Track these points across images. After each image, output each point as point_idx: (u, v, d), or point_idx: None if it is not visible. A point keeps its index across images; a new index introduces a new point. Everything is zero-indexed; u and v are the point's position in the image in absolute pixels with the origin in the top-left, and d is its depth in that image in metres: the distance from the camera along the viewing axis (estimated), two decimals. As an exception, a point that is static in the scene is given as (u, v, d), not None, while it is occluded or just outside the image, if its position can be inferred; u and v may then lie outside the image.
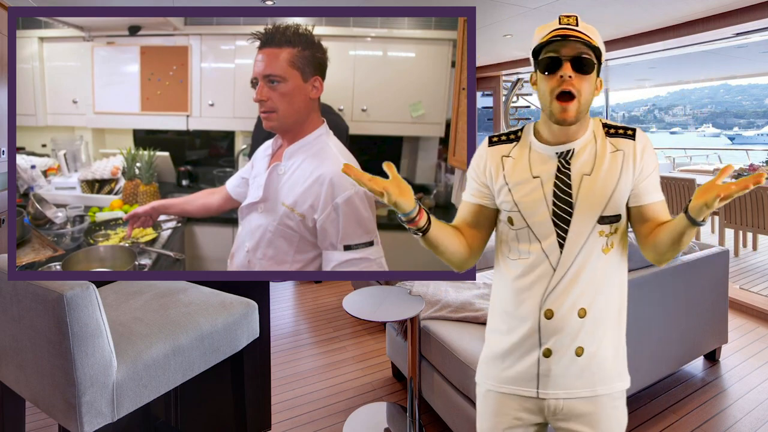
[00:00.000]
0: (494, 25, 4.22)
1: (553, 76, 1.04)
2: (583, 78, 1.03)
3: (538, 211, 1.07)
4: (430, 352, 2.25)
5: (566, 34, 1.03)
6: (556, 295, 1.07)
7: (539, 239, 1.08)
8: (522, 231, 1.10)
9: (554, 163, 1.09)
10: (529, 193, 1.08)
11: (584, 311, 1.08)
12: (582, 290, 1.07)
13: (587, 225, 1.06)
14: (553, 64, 1.04)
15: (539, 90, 1.08)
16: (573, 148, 1.09)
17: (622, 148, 1.09)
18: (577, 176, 1.07)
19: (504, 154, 1.14)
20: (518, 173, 1.11)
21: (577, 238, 1.06)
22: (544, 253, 1.08)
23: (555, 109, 1.04)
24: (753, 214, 4.74)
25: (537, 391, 1.10)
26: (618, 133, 1.11)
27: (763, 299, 3.79)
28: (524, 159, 1.12)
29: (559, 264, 1.07)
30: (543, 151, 1.10)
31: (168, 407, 2.09)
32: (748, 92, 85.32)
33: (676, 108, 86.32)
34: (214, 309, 1.62)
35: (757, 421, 2.36)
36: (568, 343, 1.08)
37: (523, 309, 1.10)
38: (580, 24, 1.06)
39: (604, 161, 1.08)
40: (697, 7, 3.70)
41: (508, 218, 1.12)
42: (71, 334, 1.18)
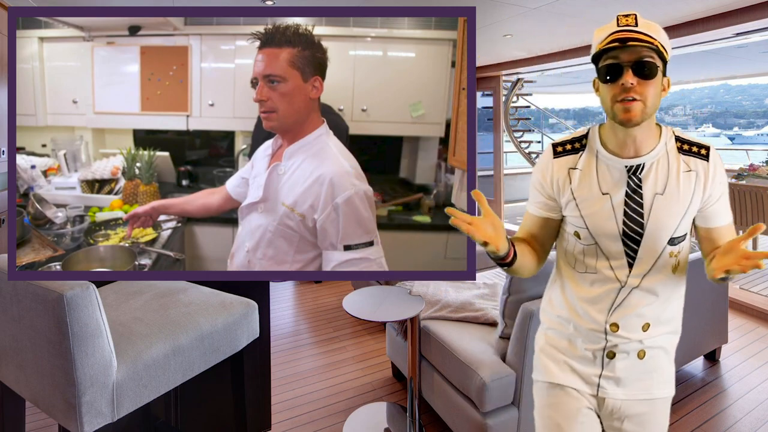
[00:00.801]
0: (494, 25, 4.21)
1: (614, 84, 0.99)
2: (646, 83, 0.98)
3: (607, 229, 1.05)
4: (430, 352, 2.25)
5: (625, 38, 0.97)
6: (622, 311, 1.07)
7: (607, 257, 1.07)
8: (590, 247, 1.08)
9: (624, 178, 1.05)
10: (598, 210, 1.05)
11: (648, 326, 1.09)
12: (649, 308, 1.08)
13: (658, 245, 1.04)
14: (613, 71, 0.99)
15: (601, 96, 1.04)
16: (643, 162, 1.04)
17: (694, 169, 1.05)
18: (650, 195, 1.03)
19: (571, 167, 1.10)
20: (586, 188, 1.07)
21: (647, 257, 1.05)
22: (612, 270, 1.07)
23: (618, 110, 0.99)
24: (753, 214, 4.74)
25: (597, 390, 1.12)
26: (692, 152, 1.06)
27: (763, 299, 3.79)
28: (592, 172, 1.07)
29: (628, 282, 1.06)
30: (612, 164, 1.06)
31: (168, 407, 2.09)
32: (748, 92, 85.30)
33: (676, 108, 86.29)
34: (214, 309, 1.62)
35: (757, 421, 2.36)
36: (632, 348, 1.10)
37: (587, 320, 1.11)
38: (639, 23, 0.99)
39: (677, 181, 1.04)
40: (697, 7, 3.70)
41: (575, 232, 1.10)
42: (71, 334, 1.18)
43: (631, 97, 0.97)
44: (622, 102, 0.98)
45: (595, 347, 1.12)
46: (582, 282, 1.11)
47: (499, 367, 1.95)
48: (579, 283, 1.12)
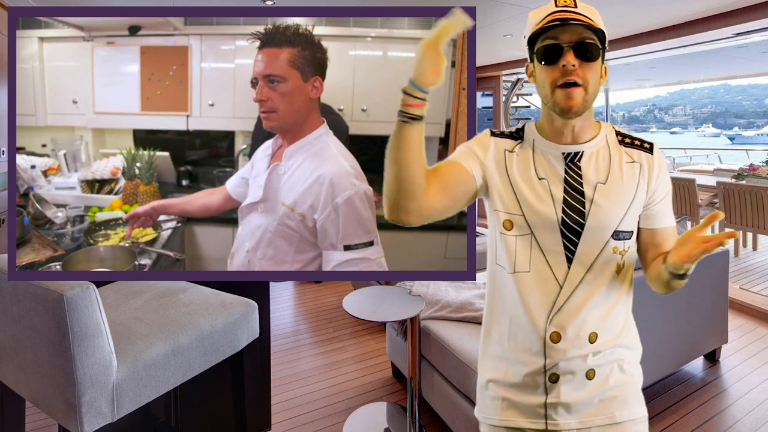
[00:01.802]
0: (494, 25, 4.22)
1: (554, 66, 0.92)
2: (588, 66, 0.92)
3: (544, 215, 0.95)
4: (430, 352, 2.25)
5: (566, 18, 0.90)
6: (563, 317, 0.94)
7: (543, 250, 0.95)
8: (523, 239, 0.96)
9: (561, 165, 0.97)
10: (535, 195, 0.96)
11: (595, 335, 0.96)
12: (593, 313, 0.96)
13: (600, 239, 0.95)
14: (552, 52, 0.92)
15: (538, 81, 0.97)
16: (582, 150, 0.98)
17: (638, 160, 0.99)
18: (590, 184, 0.96)
19: (507, 149, 1.01)
20: (522, 172, 0.98)
21: (589, 252, 0.95)
22: (549, 266, 0.95)
23: (558, 98, 0.92)
24: (753, 214, 4.74)
25: (546, 422, 0.98)
26: (634, 144, 1.01)
27: (763, 299, 3.79)
28: (528, 157, 0.99)
29: (567, 281, 0.94)
30: (548, 150, 0.99)
31: (168, 407, 2.09)
32: (748, 92, 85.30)
33: (676, 108, 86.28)
34: (214, 309, 1.62)
35: (757, 421, 2.36)
36: (577, 366, 0.96)
37: (524, 331, 0.98)
38: (578, 4, 0.94)
39: (620, 170, 0.97)
40: (697, 7, 3.70)
41: (506, 222, 0.98)
42: (71, 334, 1.18)
43: (573, 80, 0.91)
44: (563, 87, 0.92)
45: (534, 369, 0.97)
46: (515, 284, 0.98)
47: (499, 367, 1.95)
48: (511, 286, 0.99)
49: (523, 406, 1.00)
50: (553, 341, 0.95)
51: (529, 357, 0.98)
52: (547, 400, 0.98)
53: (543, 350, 0.96)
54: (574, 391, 0.97)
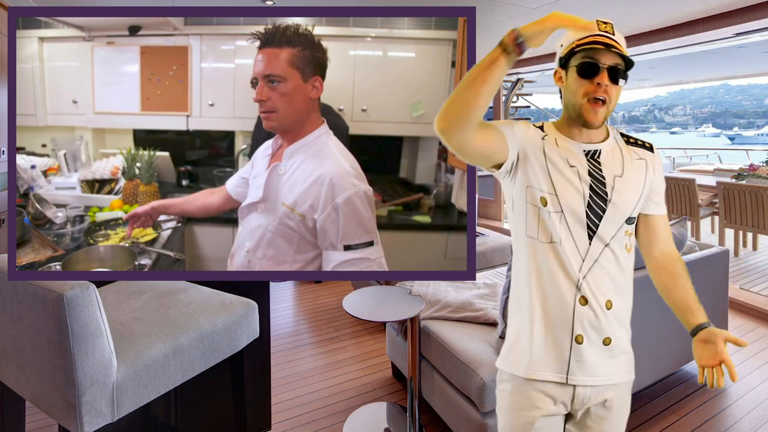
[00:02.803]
0: (494, 25, 4.22)
1: (588, 81, 1.07)
2: (614, 87, 1.08)
3: (574, 200, 1.10)
4: (430, 352, 2.25)
5: (608, 44, 1.05)
6: (587, 284, 1.10)
7: (570, 227, 1.10)
8: (555, 215, 1.10)
9: (584, 160, 1.12)
10: (568, 180, 1.10)
11: (610, 304, 1.12)
12: (608, 283, 1.12)
13: (617, 222, 1.11)
14: (591, 69, 1.07)
15: (568, 89, 1.11)
16: (600, 149, 1.14)
17: (643, 157, 1.17)
18: (610, 176, 1.12)
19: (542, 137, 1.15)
20: (556, 158, 1.12)
21: (607, 232, 1.11)
22: (573, 241, 1.10)
23: (586, 110, 1.08)
24: (753, 214, 4.74)
25: (567, 377, 1.13)
26: (638, 144, 1.19)
27: (763, 299, 3.79)
28: (558, 147, 1.14)
29: (588, 254, 1.10)
30: (571, 147, 1.13)
31: (168, 407, 2.09)
32: (748, 92, 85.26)
33: (676, 108, 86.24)
34: (214, 309, 1.62)
35: (757, 421, 2.36)
36: (598, 332, 1.12)
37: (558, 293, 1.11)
38: (615, 33, 1.09)
39: (631, 166, 1.14)
40: (697, 7, 3.70)
41: (542, 199, 1.11)
42: (71, 334, 1.18)
43: (602, 97, 1.07)
44: (592, 102, 1.08)
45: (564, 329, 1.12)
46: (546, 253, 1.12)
47: (499, 367, 1.95)
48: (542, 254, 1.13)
49: (550, 361, 1.14)
50: (581, 304, 1.11)
51: (560, 317, 1.12)
52: (571, 358, 1.12)
53: (573, 311, 1.11)
54: (593, 353, 1.13)
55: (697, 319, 1.12)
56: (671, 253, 1.20)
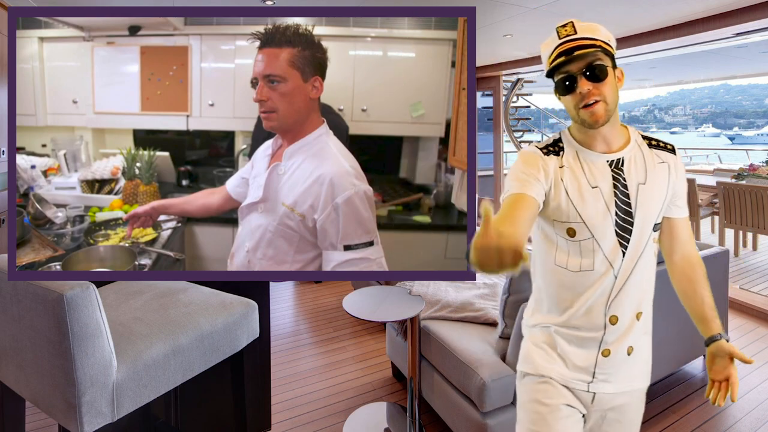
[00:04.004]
0: (494, 25, 4.21)
1: (573, 94, 1.05)
2: (602, 84, 1.03)
3: (602, 222, 1.07)
4: (430, 352, 2.25)
5: (569, 49, 1.02)
6: (619, 302, 1.10)
7: (603, 249, 1.08)
8: (586, 242, 1.09)
9: (608, 171, 1.09)
10: (592, 204, 1.08)
11: (640, 314, 1.13)
12: (640, 295, 1.12)
13: (646, 233, 1.09)
14: (568, 84, 1.04)
15: (564, 105, 1.10)
16: (623, 157, 1.10)
17: (666, 161, 1.13)
18: (634, 185, 1.09)
19: (559, 165, 1.11)
20: (577, 183, 1.09)
21: (638, 245, 1.09)
22: (608, 262, 1.08)
23: (584, 116, 1.05)
24: (753, 214, 4.74)
25: (588, 386, 1.14)
26: (660, 146, 1.15)
27: (763, 299, 3.79)
28: (578, 168, 1.10)
29: (621, 271, 1.09)
30: (594, 159, 1.10)
31: (168, 407, 2.09)
32: (748, 92, 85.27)
33: (676, 108, 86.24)
34: (214, 309, 1.62)
35: (757, 421, 2.36)
36: (624, 343, 1.13)
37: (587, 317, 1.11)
38: (578, 28, 1.04)
39: (654, 171, 1.11)
40: (697, 7, 3.70)
41: (568, 230, 1.09)
42: (71, 334, 1.18)
43: (592, 100, 1.03)
44: (585, 108, 1.04)
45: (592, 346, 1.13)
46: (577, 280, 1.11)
47: (499, 367, 1.95)
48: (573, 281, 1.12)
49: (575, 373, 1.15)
50: (612, 323, 1.11)
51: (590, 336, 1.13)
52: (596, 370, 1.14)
53: (603, 331, 1.12)
54: (616, 363, 1.14)
55: (710, 330, 1.12)
56: (691, 257, 1.19)
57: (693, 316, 1.17)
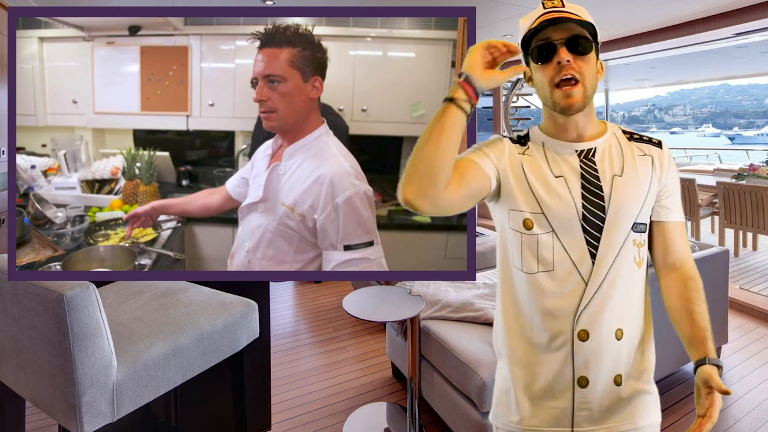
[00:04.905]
0: (494, 25, 4.22)
1: (549, 65, 0.93)
2: (582, 60, 0.93)
3: (565, 212, 0.94)
4: (430, 352, 2.25)
5: (555, 18, 0.92)
6: (590, 313, 0.94)
7: (566, 247, 0.94)
8: (545, 237, 0.95)
9: (576, 161, 0.98)
10: (554, 192, 0.95)
11: (621, 332, 0.96)
12: (618, 308, 0.95)
13: (621, 231, 0.95)
14: (546, 51, 0.93)
15: (536, 83, 0.97)
16: (594, 147, 0.99)
17: (649, 153, 1.00)
18: (608, 177, 0.96)
19: (519, 152, 1.01)
20: (537, 171, 0.98)
21: (611, 245, 0.94)
22: (572, 263, 0.94)
23: (557, 97, 0.93)
24: (753, 214, 4.74)
25: (572, 429, 0.98)
26: (643, 140, 1.03)
27: (763, 299, 3.79)
28: (540, 157, 0.99)
29: (592, 276, 0.93)
30: (560, 148, 0.99)
31: (168, 407, 2.09)
32: (748, 92, 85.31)
33: (676, 108, 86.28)
34: (214, 309, 1.62)
35: (757, 421, 2.36)
36: (606, 369, 0.96)
37: (551, 331, 0.96)
38: (566, 4, 0.95)
39: (633, 163, 0.98)
40: (697, 7, 3.70)
41: (526, 221, 0.96)
42: (71, 334, 1.18)
43: (570, 75, 0.92)
44: (561, 87, 0.93)
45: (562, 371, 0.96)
46: (537, 285, 0.96)
47: (499, 367, 1.95)
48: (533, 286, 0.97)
49: (548, 414, 0.98)
50: (582, 339, 0.94)
51: (556, 358, 0.96)
52: (575, 406, 0.97)
53: (571, 350, 0.95)
54: (601, 396, 0.96)
55: (697, 354, 0.92)
56: (684, 268, 1.01)
57: (681, 337, 0.98)
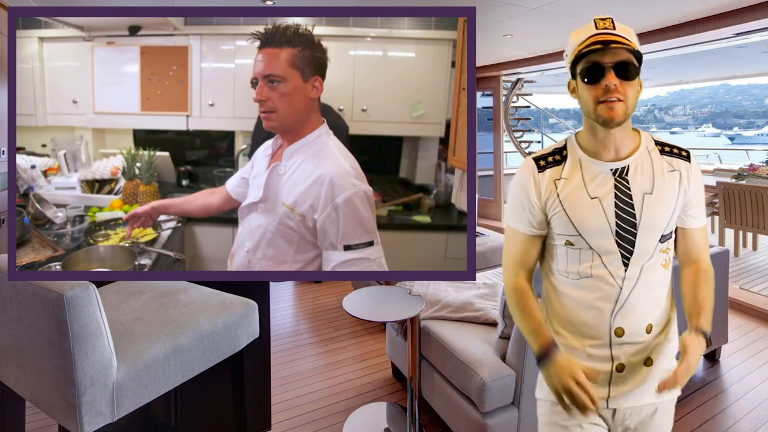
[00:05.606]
0: (494, 25, 4.21)
1: (596, 86, 1.01)
2: (627, 84, 1.01)
3: (601, 232, 1.05)
4: (430, 352, 2.25)
5: (607, 40, 0.99)
6: (624, 314, 1.07)
7: (603, 260, 1.06)
8: (585, 252, 1.08)
9: (611, 181, 1.06)
10: (588, 214, 1.06)
11: (651, 327, 1.10)
12: (648, 306, 1.09)
13: (651, 244, 1.06)
14: (595, 72, 1.01)
15: (580, 98, 1.06)
16: (628, 165, 1.07)
17: (678, 168, 1.09)
18: (639, 195, 1.05)
19: (556, 178, 1.10)
20: (574, 195, 1.07)
21: (642, 256, 1.06)
22: (608, 271, 1.06)
23: (601, 110, 1.01)
24: (753, 214, 4.74)
25: (607, 402, 1.12)
26: (673, 153, 1.11)
27: (763, 299, 3.79)
28: (578, 180, 1.08)
29: (625, 281, 1.06)
30: (597, 168, 1.08)
31: (168, 407, 2.09)
32: (748, 92, 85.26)
33: (676, 108, 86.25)
34: (214, 309, 1.62)
35: (757, 421, 2.36)
36: (640, 355, 1.10)
37: (592, 328, 1.10)
38: (616, 26, 1.02)
39: (663, 180, 1.07)
40: (697, 7, 3.70)
41: (567, 242, 1.10)
42: (71, 334, 1.18)
43: (615, 98, 1.00)
44: (605, 103, 1.00)
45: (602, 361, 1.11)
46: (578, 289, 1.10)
47: (499, 367, 1.95)
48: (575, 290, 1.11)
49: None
50: (618, 336, 1.08)
51: (597, 351, 1.11)
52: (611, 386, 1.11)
53: (609, 344, 1.09)
54: (634, 377, 1.11)
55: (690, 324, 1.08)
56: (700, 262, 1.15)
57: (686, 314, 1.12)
